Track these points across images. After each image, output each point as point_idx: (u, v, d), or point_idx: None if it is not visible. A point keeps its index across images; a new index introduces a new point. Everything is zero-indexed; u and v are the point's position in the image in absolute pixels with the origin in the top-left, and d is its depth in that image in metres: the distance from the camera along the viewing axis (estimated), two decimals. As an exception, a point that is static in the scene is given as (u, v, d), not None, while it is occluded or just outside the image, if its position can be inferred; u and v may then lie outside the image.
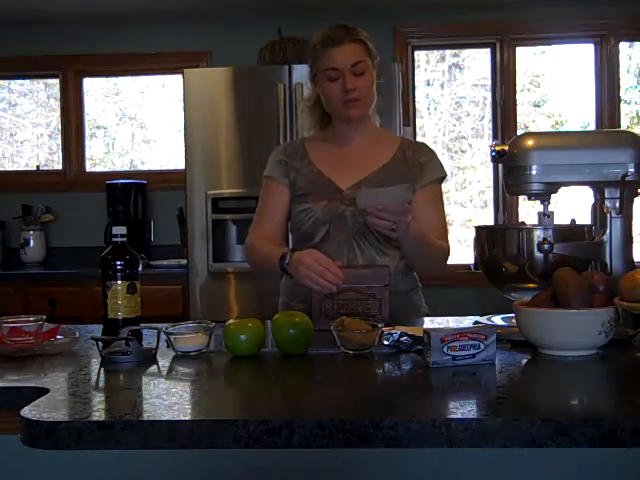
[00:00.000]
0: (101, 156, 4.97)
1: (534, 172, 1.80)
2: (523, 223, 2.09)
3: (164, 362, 1.59)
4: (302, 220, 2.16)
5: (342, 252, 2.09)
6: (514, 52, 4.58)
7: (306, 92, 2.46)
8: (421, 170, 2.18)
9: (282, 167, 2.21)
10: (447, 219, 2.26)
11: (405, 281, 2.17)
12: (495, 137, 4.59)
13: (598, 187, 1.84)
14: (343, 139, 2.22)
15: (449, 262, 2.23)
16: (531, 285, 1.78)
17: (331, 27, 2.14)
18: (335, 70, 2.10)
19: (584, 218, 1.90)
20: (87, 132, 4.84)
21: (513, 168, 1.83)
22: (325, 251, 1.98)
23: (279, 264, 1.98)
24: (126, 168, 4.92)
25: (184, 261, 3.96)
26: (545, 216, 1.83)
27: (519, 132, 4.53)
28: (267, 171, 2.25)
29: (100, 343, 1.63)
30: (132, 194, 4.46)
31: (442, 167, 2.24)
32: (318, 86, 2.18)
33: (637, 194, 1.84)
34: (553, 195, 1.84)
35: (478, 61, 4.87)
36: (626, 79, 4.74)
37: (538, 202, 1.85)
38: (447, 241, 2.20)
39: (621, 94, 4.59)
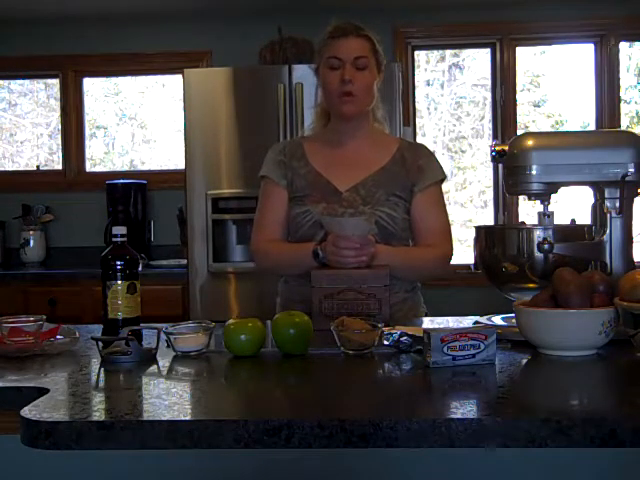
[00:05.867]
0: (101, 156, 4.97)
1: (534, 172, 1.80)
2: (523, 223, 2.09)
3: (164, 362, 1.59)
4: (300, 222, 2.15)
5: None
6: (514, 52, 4.58)
7: (312, 95, 2.48)
8: (420, 173, 2.18)
9: (280, 168, 2.21)
10: (449, 219, 2.26)
11: (404, 281, 2.17)
12: (495, 137, 4.59)
13: (598, 187, 1.84)
14: (341, 139, 2.21)
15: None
16: (531, 285, 1.77)
17: (342, 22, 2.15)
18: (337, 59, 2.10)
19: (584, 218, 1.90)
20: (87, 132, 4.84)
21: (513, 168, 1.83)
22: None
23: (312, 254, 2.01)
24: (126, 168, 4.92)
25: (184, 261, 3.97)
26: (545, 216, 1.83)
27: (519, 132, 4.53)
28: (264, 171, 2.24)
29: (100, 343, 1.62)
30: (132, 194, 4.46)
31: (441, 169, 2.24)
32: (319, 78, 2.18)
33: (637, 194, 1.84)
34: (553, 195, 1.84)
35: (478, 61, 4.87)
36: (626, 79, 4.74)
37: (538, 202, 1.85)
38: (449, 243, 2.19)
39: (621, 94, 4.59)
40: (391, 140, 2.30)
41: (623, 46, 4.62)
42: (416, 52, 4.70)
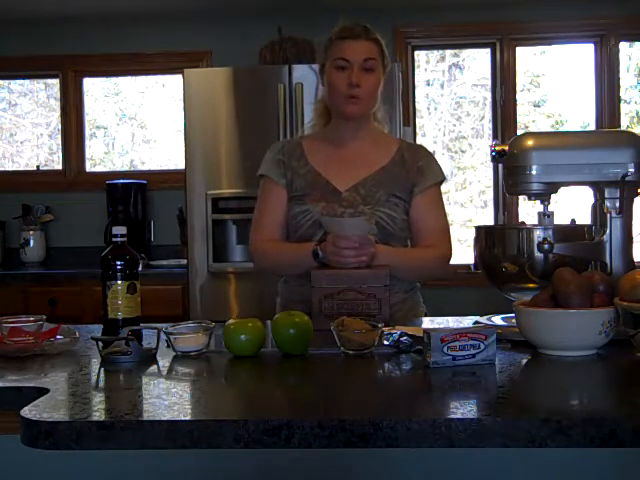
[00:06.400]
0: (101, 156, 4.97)
1: (534, 172, 1.80)
2: (523, 223, 2.09)
3: (164, 362, 1.59)
4: (300, 222, 2.15)
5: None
6: (514, 52, 4.58)
7: (312, 95, 2.47)
8: (420, 174, 2.18)
9: (279, 167, 2.20)
10: (448, 220, 2.26)
11: (403, 281, 2.17)
12: (495, 137, 4.59)
13: (598, 187, 1.84)
14: (341, 139, 2.21)
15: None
16: (531, 285, 1.77)
17: (351, 23, 2.14)
18: (345, 61, 2.10)
19: (584, 218, 1.90)
20: (87, 132, 4.84)
21: (513, 168, 1.83)
22: None
23: (312, 254, 2.01)
24: (126, 168, 4.92)
25: (184, 261, 3.97)
26: (545, 216, 1.83)
27: (519, 132, 4.53)
28: (263, 170, 2.24)
29: (100, 343, 1.62)
30: (132, 194, 4.46)
31: (441, 170, 2.25)
32: (324, 77, 2.17)
33: (637, 194, 1.84)
34: (553, 195, 1.84)
35: (478, 61, 4.87)
36: (626, 79, 4.74)
37: (538, 202, 1.85)
38: (448, 243, 2.19)
39: (621, 94, 4.59)
40: (391, 140, 2.30)
41: (623, 46, 4.62)
42: (416, 52, 4.70)
